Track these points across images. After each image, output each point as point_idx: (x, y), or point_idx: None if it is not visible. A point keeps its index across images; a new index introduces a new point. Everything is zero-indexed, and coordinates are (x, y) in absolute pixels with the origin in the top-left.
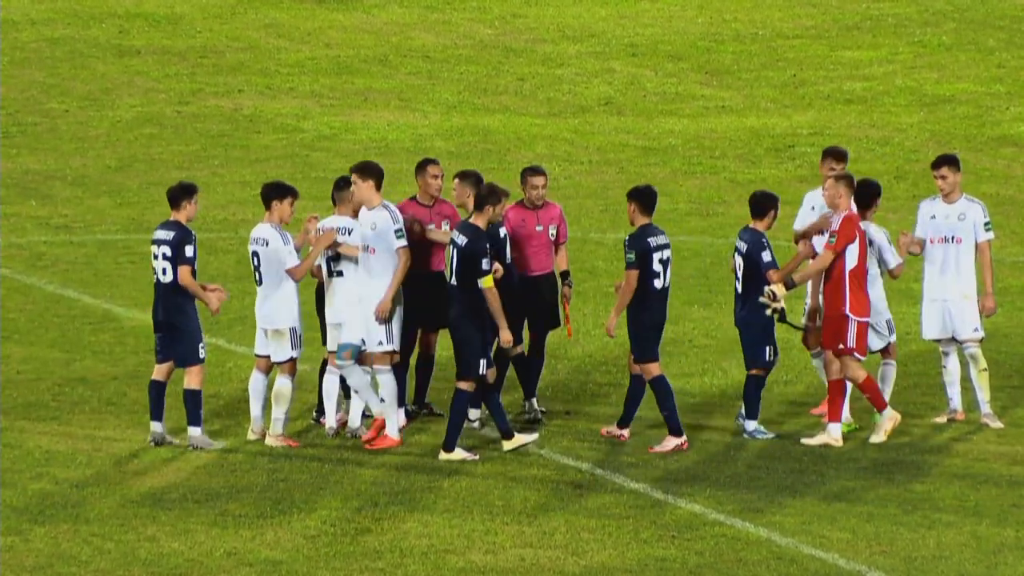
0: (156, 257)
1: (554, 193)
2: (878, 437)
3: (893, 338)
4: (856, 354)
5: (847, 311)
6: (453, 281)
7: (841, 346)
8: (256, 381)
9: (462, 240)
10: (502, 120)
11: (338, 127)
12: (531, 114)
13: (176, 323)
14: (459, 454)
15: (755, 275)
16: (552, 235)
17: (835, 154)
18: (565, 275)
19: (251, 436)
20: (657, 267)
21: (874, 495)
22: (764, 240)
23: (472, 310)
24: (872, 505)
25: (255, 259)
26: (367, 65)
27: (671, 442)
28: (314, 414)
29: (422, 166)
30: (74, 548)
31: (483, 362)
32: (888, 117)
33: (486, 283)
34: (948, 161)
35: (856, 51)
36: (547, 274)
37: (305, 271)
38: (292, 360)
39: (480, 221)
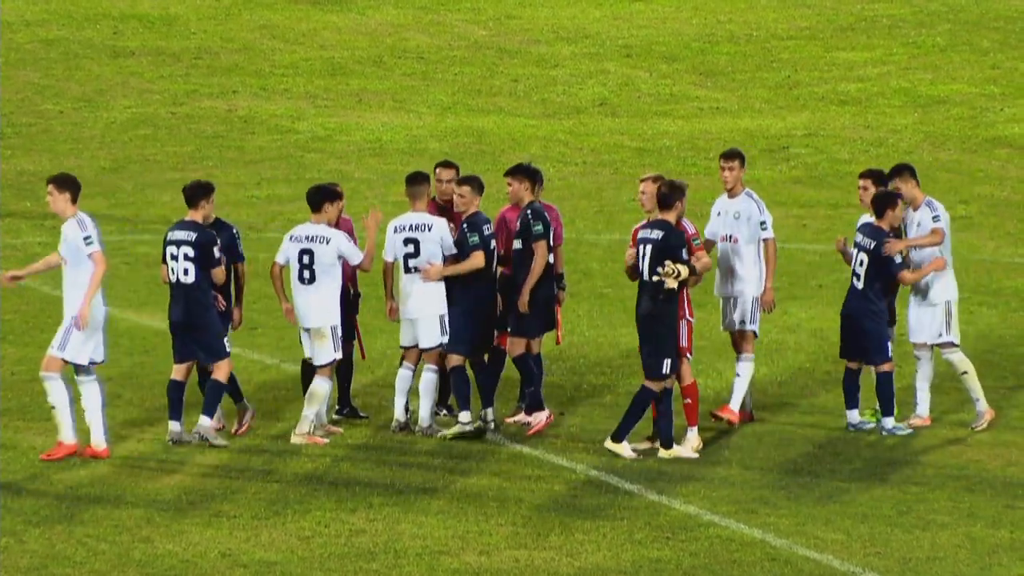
0: (175, 258)
1: (548, 194)
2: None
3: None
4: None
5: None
6: (646, 277)
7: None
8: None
9: (657, 235)
10: (496, 121)
11: (333, 128)
12: (525, 115)
13: (199, 322)
14: (625, 449)
15: (879, 271)
16: None
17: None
18: (559, 278)
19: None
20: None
21: (869, 496)
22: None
23: (666, 309)
24: (867, 506)
25: (306, 257)
26: (361, 66)
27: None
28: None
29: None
30: (69, 549)
31: (667, 362)
32: (882, 118)
33: (683, 270)
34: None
35: (850, 52)
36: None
37: (372, 260)
38: (333, 362)
39: (671, 216)
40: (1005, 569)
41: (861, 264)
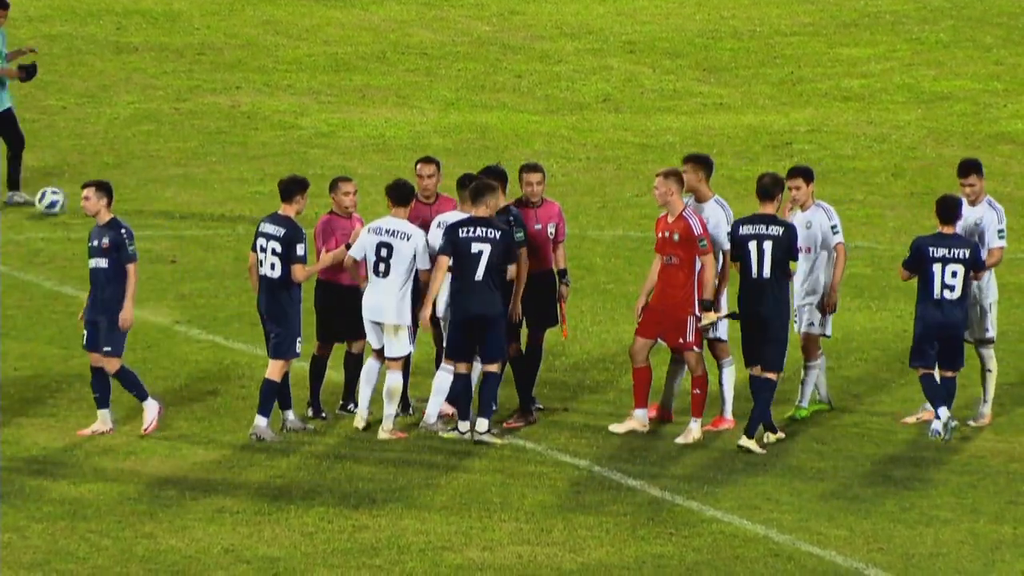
0: (264, 251)
1: (551, 190)
2: (619, 427)
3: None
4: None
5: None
6: (767, 275)
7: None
8: (370, 370)
9: (776, 231)
10: (500, 117)
11: (336, 124)
12: (529, 111)
13: (279, 317)
14: (753, 444)
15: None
16: (551, 233)
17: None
18: (563, 274)
19: (359, 424)
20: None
21: (872, 492)
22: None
23: (787, 303)
24: (870, 502)
25: (384, 250)
26: (365, 62)
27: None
28: (341, 402)
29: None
30: (71, 545)
31: (786, 354)
32: (886, 114)
33: (793, 267)
34: (976, 168)
35: (854, 48)
36: (545, 272)
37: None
38: (408, 355)
39: (771, 209)
40: (1008, 565)
41: (954, 275)
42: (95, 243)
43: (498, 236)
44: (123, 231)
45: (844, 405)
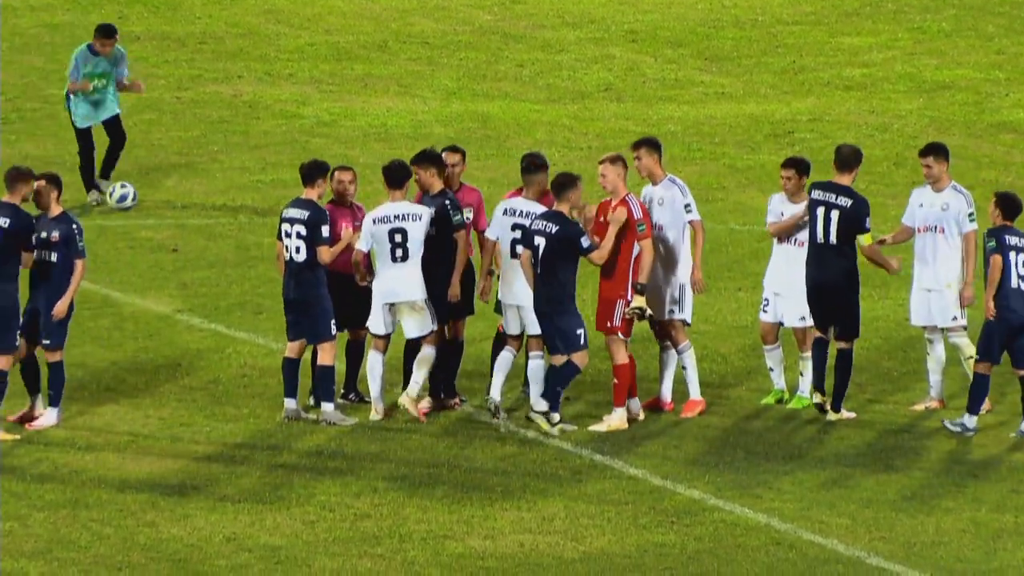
0: (289, 236)
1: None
2: (600, 427)
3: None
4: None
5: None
6: (832, 241)
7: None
8: (376, 361)
9: (845, 202)
10: (501, 106)
11: (337, 113)
12: (530, 100)
13: (309, 301)
14: (844, 413)
15: None
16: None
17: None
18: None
19: (375, 416)
20: None
21: (873, 481)
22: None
23: (853, 273)
24: (871, 491)
25: (398, 236)
26: (366, 51)
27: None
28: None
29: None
30: (73, 533)
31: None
32: (887, 103)
33: (867, 240)
34: (934, 150)
35: (855, 37)
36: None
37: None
38: (433, 331)
39: (846, 180)
40: (1010, 554)
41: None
42: (44, 235)
43: (554, 231)
44: (74, 226)
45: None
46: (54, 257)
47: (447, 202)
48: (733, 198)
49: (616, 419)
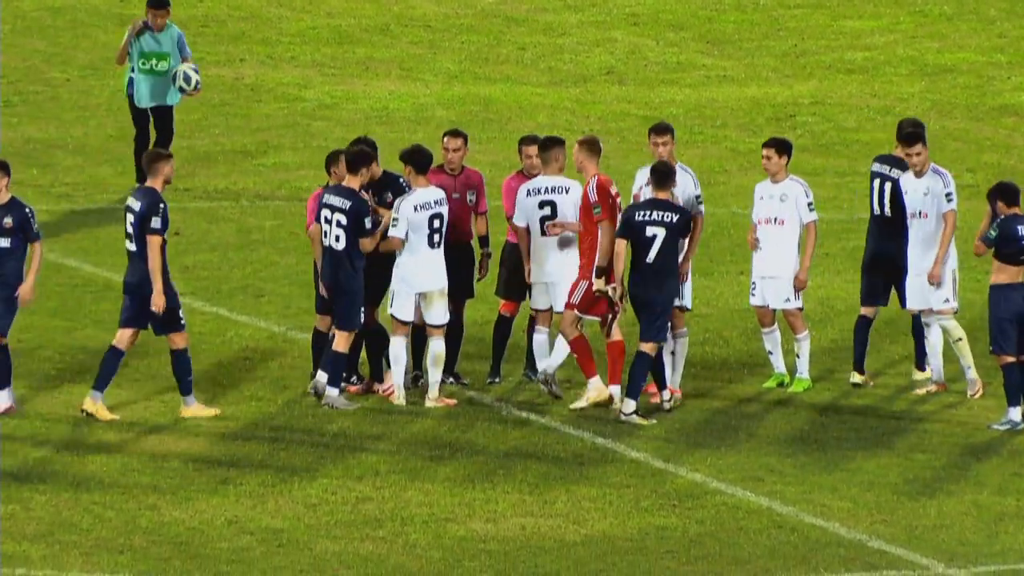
0: (328, 222)
1: None
2: (580, 403)
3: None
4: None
5: None
6: (888, 213)
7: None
8: (400, 347)
9: (899, 175)
10: (503, 89)
11: (339, 96)
12: (532, 83)
13: (344, 286)
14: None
15: None
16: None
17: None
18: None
19: (401, 402)
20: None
21: (875, 464)
22: None
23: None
24: (873, 474)
25: (437, 221)
26: (368, 34)
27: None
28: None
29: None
30: (75, 516)
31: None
32: (889, 87)
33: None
34: (921, 137)
35: (857, 21)
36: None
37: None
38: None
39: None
40: (1012, 537)
41: None
42: None
43: (675, 220)
44: (27, 210)
45: (846, 374)
46: (8, 243)
47: (403, 184)
48: (735, 181)
49: (593, 391)
